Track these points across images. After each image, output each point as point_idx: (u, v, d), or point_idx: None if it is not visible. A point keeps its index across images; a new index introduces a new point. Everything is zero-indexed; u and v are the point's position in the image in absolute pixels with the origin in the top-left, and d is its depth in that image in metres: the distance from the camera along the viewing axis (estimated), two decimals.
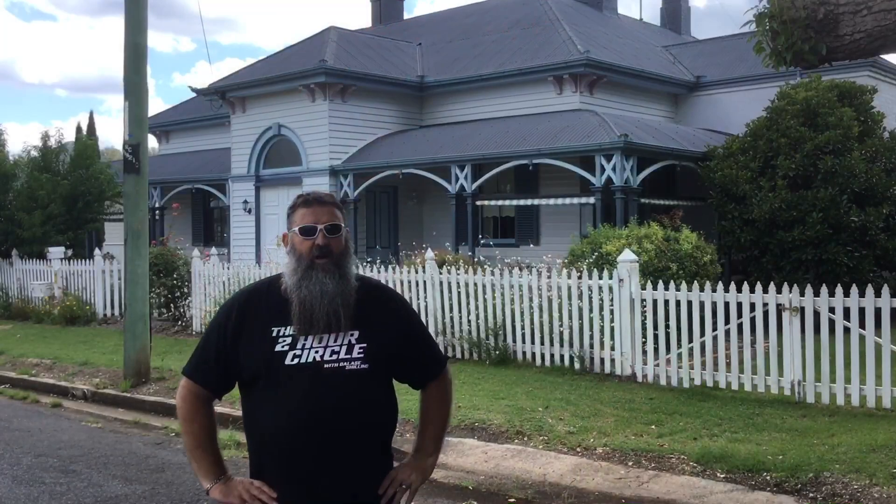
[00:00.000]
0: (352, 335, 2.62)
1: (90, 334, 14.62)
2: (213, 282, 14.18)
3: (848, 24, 4.52)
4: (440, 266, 11.88)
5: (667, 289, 9.40)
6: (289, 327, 2.60)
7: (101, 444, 7.88)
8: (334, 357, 2.59)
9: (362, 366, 2.60)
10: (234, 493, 2.58)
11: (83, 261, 17.34)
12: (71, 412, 9.53)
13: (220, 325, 2.68)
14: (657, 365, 9.42)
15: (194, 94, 23.49)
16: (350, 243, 2.73)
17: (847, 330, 8.13)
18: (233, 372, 2.66)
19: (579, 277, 10.17)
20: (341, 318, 2.58)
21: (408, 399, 3.60)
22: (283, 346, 2.58)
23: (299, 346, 2.58)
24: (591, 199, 15.76)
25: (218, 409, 8.93)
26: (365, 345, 2.62)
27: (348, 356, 2.60)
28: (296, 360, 2.57)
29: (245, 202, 20.70)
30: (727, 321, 8.92)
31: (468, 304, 11.17)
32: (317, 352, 2.58)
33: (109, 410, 9.56)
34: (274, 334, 2.60)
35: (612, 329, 9.81)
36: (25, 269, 18.04)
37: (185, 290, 14.95)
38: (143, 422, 8.88)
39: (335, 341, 2.60)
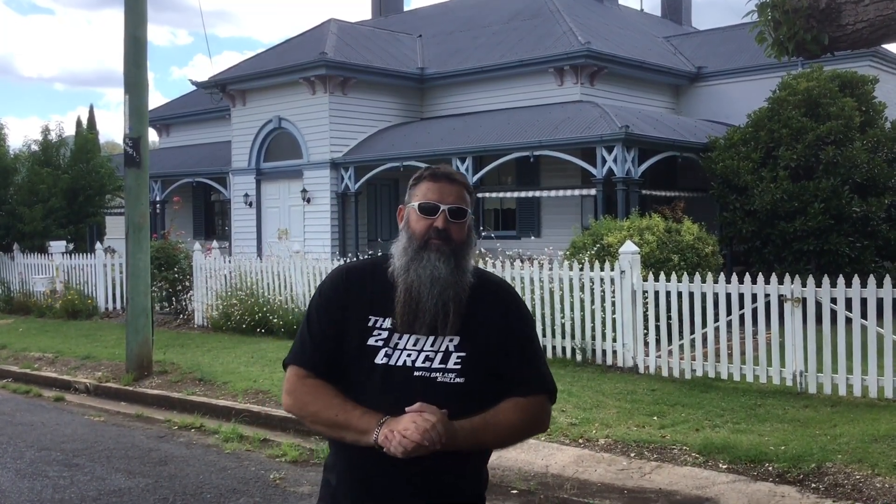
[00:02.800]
0: (451, 340, 2.26)
1: (92, 328, 14.63)
2: (214, 275, 14.18)
3: (850, 14, 4.50)
4: None
5: (668, 280, 9.39)
6: (387, 319, 2.28)
7: (104, 438, 7.89)
8: (427, 364, 2.24)
9: (457, 379, 2.24)
10: (403, 424, 2.13)
11: (84, 255, 17.35)
12: (73, 406, 9.54)
13: (323, 300, 2.35)
14: (659, 356, 9.42)
15: (194, 88, 23.45)
16: (473, 234, 2.38)
17: (849, 320, 8.12)
18: (334, 354, 2.30)
19: (581, 269, 10.16)
20: (450, 315, 2.23)
21: None
22: (376, 341, 2.27)
23: (392, 343, 2.26)
24: (593, 191, 15.74)
25: (221, 402, 8.88)
26: (464, 354, 2.26)
27: (442, 365, 2.24)
28: (385, 360, 2.25)
29: (246, 195, 20.70)
30: (729, 312, 8.91)
31: None
32: (409, 355, 2.25)
33: (112, 404, 9.57)
34: (370, 324, 2.29)
35: (613, 321, 9.80)
36: (27, 263, 18.04)
37: (187, 283, 14.95)
38: (145, 415, 8.89)
39: (431, 346, 2.25)
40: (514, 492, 6.04)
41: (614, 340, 9.82)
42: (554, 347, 10.39)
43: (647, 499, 5.78)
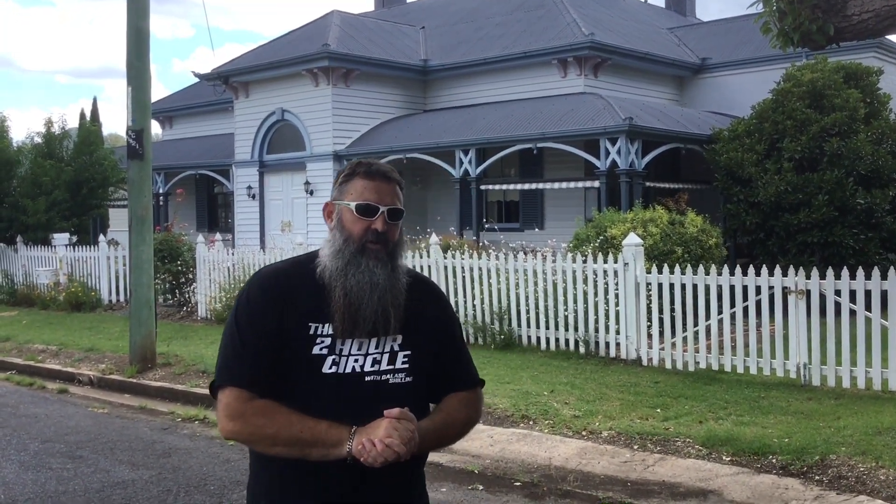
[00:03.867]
0: (394, 340, 2.20)
1: (95, 320, 14.65)
2: (217, 267, 14.18)
3: (856, 4, 4.47)
4: (445, 251, 11.86)
5: (672, 272, 9.38)
6: (328, 325, 2.15)
7: (108, 430, 7.90)
8: (375, 367, 2.17)
9: (406, 378, 2.19)
10: (384, 431, 2.04)
11: (88, 247, 17.36)
12: (77, 398, 9.56)
13: (255, 311, 2.16)
14: (662, 349, 9.41)
15: (197, 80, 23.44)
16: (403, 232, 2.28)
17: (853, 313, 8.10)
18: (275, 369, 2.14)
19: (584, 261, 10.14)
20: (391, 320, 2.16)
21: None
22: (321, 350, 2.14)
23: (337, 350, 2.14)
24: (596, 183, 15.71)
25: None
26: (409, 352, 2.21)
27: (391, 366, 2.18)
28: (334, 369, 2.13)
29: (249, 188, 20.69)
30: (732, 304, 8.89)
31: (473, 288, 11.15)
32: (356, 360, 2.15)
33: (115, 396, 9.58)
34: (311, 332, 2.15)
35: (617, 313, 9.79)
36: (30, 255, 18.06)
37: (190, 275, 14.95)
38: (149, 407, 8.90)
39: (376, 347, 2.18)
40: (518, 484, 6.04)
41: (618, 333, 9.81)
42: (557, 340, 10.38)
43: (651, 491, 5.77)
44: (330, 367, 2.13)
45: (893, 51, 18.53)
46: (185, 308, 15.11)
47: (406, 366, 2.20)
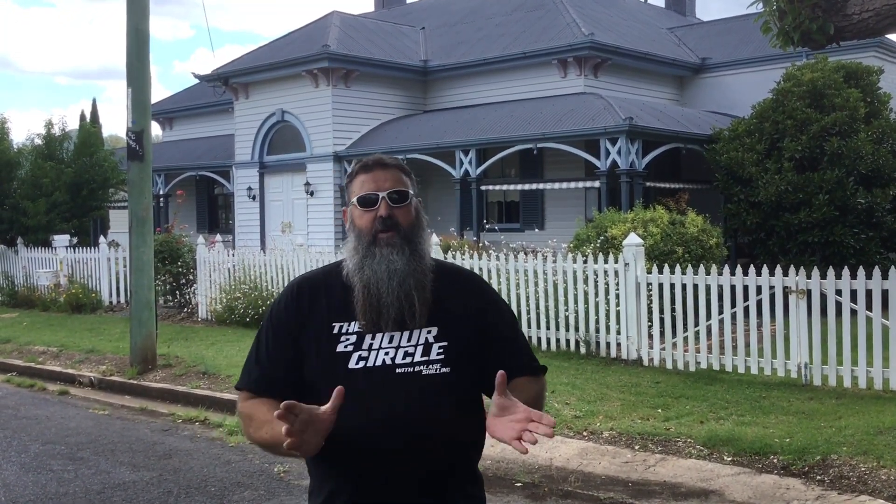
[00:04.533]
0: (428, 332, 2.17)
1: (96, 322, 14.65)
2: (218, 268, 14.18)
3: (856, 3, 4.47)
4: (445, 251, 11.85)
5: (672, 272, 9.37)
6: (353, 323, 2.17)
7: (109, 432, 7.89)
8: (408, 360, 2.13)
9: (443, 369, 2.14)
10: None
11: (88, 248, 17.36)
12: (78, 399, 9.55)
13: (276, 321, 2.24)
14: (663, 349, 9.40)
15: (197, 81, 23.44)
16: (423, 215, 2.26)
17: (854, 312, 8.10)
18: (291, 378, 2.18)
19: (584, 262, 10.14)
20: (416, 306, 2.14)
21: None
22: (346, 346, 2.15)
23: (365, 345, 2.15)
24: (596, 183, 15.71)
25: (225, 395, 8.87)
26: (445, 343, 2.16)
27: (425, 357, 2.14)
28: (361, 364, 2.13)
29: (249, 189, 20.69)
30: (733, 304, 8.88)
31: None
32: (387, 353, 2.14)
33: (116, 398, 9.58)
34: (335, 331, 2.17)
35: (617, 313, 9.78)
36: (31, 257, 18.05)
37: (191, 277, 14.95)
38: (149, 409, 8.90)
39: (408, 340, 2.15)
40: (519, 485, 6.03)
41: (618, 333, 9.80)
42: (558, 340, 10.38)
43: (652, 491, 5.77)
44: (357, 363, 2.13)
45: (894, 50, 18.52)
46: (185, 309, 15.11)
47: (441, 357, 2.15)
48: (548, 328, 10.45)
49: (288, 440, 1.89)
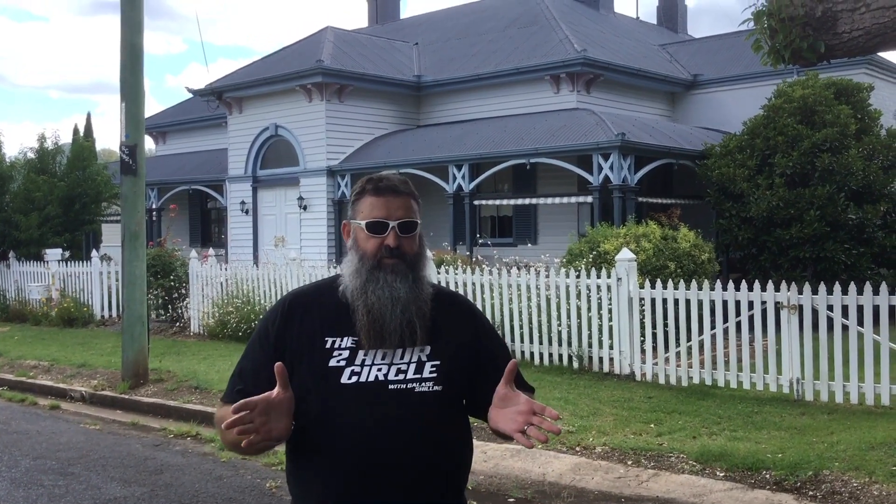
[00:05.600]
0: (422, 351, 2.20)
1: (88, 336, 14.59)
2: (210, 283, 14.16)
3: (846, 22, 4.51)
4: (438, 266, 11.86)
5: (665, 287, 9.39)
6: (346, 339, 2.18)
7: (100, 446, 7.86)
8: (401, 377, 2.16)
9: (435, 387, 2.16)
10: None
11: (80, 262, 17.32)
12: (69, 414, 9.51)
13: (263, 335, 2.26)
14: (656, 363, 9.42)
15: (191, 95, 23.46)
16: (425, 243, 2.30)
17: (845, 328, 8.12)
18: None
19: (577, 276, 10.16)
20: (417, 332, 2.17)
21: None
22: (338, 361, 2.16)
23: (358, 361, 2.16)
24: (589, 198, 15.75)
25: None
26: (438, 362, 2.19)
27: (418, 375, 2.16)
28: (354, 379, 2.14)
29: (242, 203, 20.69)
30: (725, 319, 8.91)
31: None
32: (379, 369, 2.15)
33: (108, 412, 9.54)
34: (328, 346, 2.18)
35: (610, 328, 9.80)
36: (23, 270, 18.00)
37: (183, 291, 14.92)
38: (141, 423, 8.86)
39: (401, 357, 2.18)
40: (511, 500, 6.02)
41: (611, 348, 9.82)
42: (551, 355, 10.38)
43: None
44: (349, 378, 2.14)
45: (884, 67, 18.68)
46: (177, 323, 15.07)
47: (434, 375, 2.17)
48: (541, 343, 10.46)
49: (245, 440, 1.94)
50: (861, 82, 15.33)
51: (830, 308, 8.18)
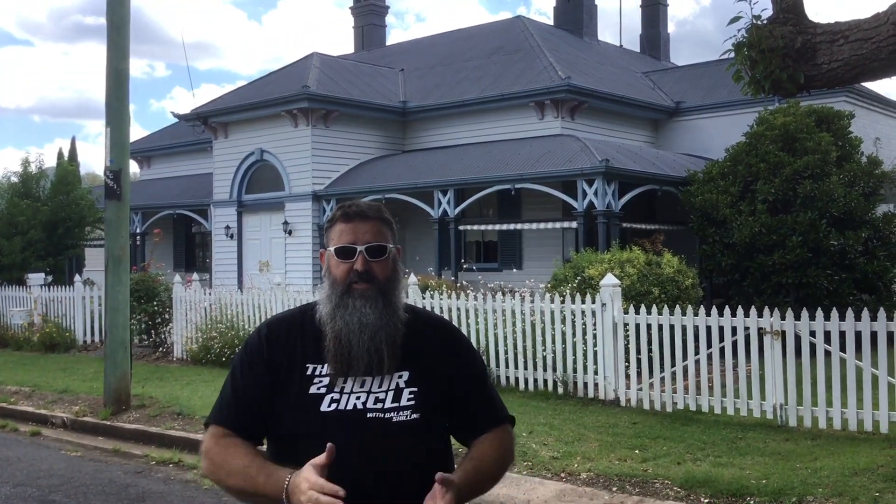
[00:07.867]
0: (400, 377, 2.19)
1: (70, 361, 14.47)
2: (194, 308, 14.09)
3: (825, 54, 4.59)
4: (423, 291, 11.87)
5: (649, 313, 9.43)
6: (325, 366, 2.19)
7: (81, 473, 7.77)
8: (379, 406, 2.15)
9: (413, 416, 2.16)
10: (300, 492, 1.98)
11: (63, 287, 17.20)
12: (50, 440, 9.41)
13: (245, 359, 2.27)
14: (640, 389, 9.43)
15: (176, 120, 23.46)
16: (399, 267, 2.29)
17: (828, 353, 8.17)
18: (262, 414, 2.21)
19: (562, 302, 10.18)
20: (384, 359, 2.15)
21: None
22: (318, 388, 2.17)
23: (337, 388, 2.16)
24: (574, 224, 15.83)
25: (199, 436, 8.87)
26: (416, 389, 2.19)
27: (395, 404, 2.16)
28: (333, 407, 2.14)
29: (227, 227, 20.64)
30: (709, 345, 8.95)
31: None
32: (358, 397, 2.15)
33: (89, 439, 9.44)
34: (309, 372, 2.19)
35: (595, 353, 9.82)
36: (5, 295, 17.85)
37: (167, 316, 14.84)
38: (123, 450, 8.77)
39: (379, 386, 2.17)
40: None
41: (595, 373, 9.83)
42: (536, 380, 10.38)
43: None
44: (329, 405, 2.15)
45: (865, 95, 18.93)
46: (160, 349, 14.97)
47: (412, 402, 2.17)
48: (525, 368, 10.46)
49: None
50: (842, 110, 15.52)
51: (813, 334, 8.23)
